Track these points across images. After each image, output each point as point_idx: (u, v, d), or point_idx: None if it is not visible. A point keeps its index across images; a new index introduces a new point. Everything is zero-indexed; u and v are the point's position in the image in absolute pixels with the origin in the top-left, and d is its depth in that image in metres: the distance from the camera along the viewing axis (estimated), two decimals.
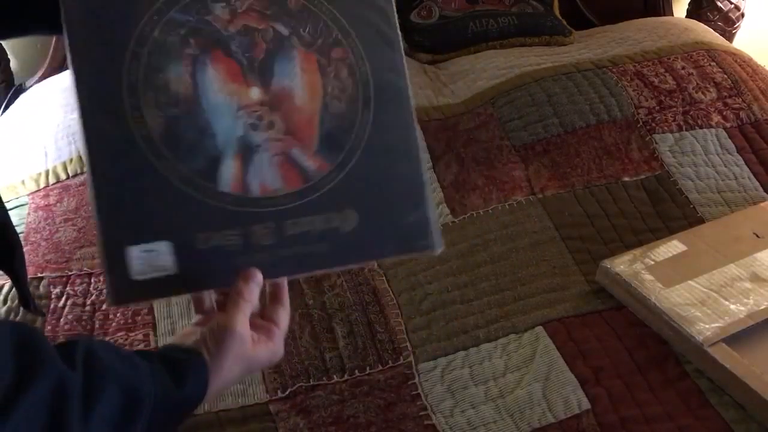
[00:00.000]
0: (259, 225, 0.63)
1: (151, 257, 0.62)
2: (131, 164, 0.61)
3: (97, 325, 1.06)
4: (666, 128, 1.44)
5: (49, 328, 1.06)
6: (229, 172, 0.63)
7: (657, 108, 1.47)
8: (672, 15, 1.98)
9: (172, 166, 0.62)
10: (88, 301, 1.10)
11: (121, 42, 0.63)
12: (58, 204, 1.28)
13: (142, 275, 0.61)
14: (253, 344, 0.62)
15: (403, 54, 0.67)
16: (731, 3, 1.91)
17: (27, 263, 1.15)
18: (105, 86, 0.62)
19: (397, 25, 0.67)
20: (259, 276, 0.63)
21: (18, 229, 1.23)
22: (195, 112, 0.63)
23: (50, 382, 0.50)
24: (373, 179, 0.65)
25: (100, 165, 0.61)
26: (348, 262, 0.69)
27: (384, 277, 1.15)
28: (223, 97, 0.63)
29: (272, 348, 0.64)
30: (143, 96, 0.62)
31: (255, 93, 0.64)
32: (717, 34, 1.81)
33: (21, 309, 1.08)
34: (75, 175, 1.33)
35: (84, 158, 0.62)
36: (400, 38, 0.66)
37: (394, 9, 0.67)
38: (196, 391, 0.59)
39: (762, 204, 1.26)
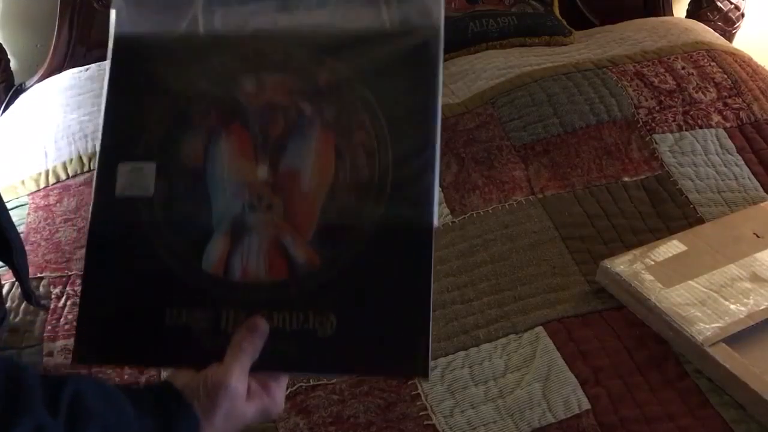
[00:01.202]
0: (230, 311, 0.59)
1: (118, 326, 0.60)
2: (124, 225, 0.61)
3: None
4: (666, 128, 1.44)
5: (49, 328, 1.05)
6: (215, 250, 0.60)
7: (657, 108, 1.47)
8: (672, 15, 1.98)
9: (161, 235, 0.60)
10: None
11: (150, 109, 0.62)
12: (58, 204, 1.28)
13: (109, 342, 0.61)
14: (249, 399, 0.58)
15: (438, 150, 0.60)
16: (731, 3, 1.91)
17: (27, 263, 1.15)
18: (126, 143, 0.62)
19: (439, 120, 0.60)
20: (263, 327, 0.59)
21: (18, 229, 1.24)
22: (199, 184, 0.61)
23: (28, 430, 0.49)
24: (366, 286, 0.59)
25: (96, 214, 0.62)
26: (318, 370, 0.63)
27: None
28: (229, 172, 0.61)
29: (267, 405, 0.60)
30: (156, 164, 0.61)
31: (262, 172, 0.61)
32: (717, 34, 1.80)
33: (21, 308, 1.08)
34: (75, 175, 1.33)
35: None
36: (439, 133, 0.60)
37: (438, 103, 0.62)
38: None
39: (762, 204, 1.26)
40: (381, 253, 0.59)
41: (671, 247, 1.14)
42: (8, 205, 1.29)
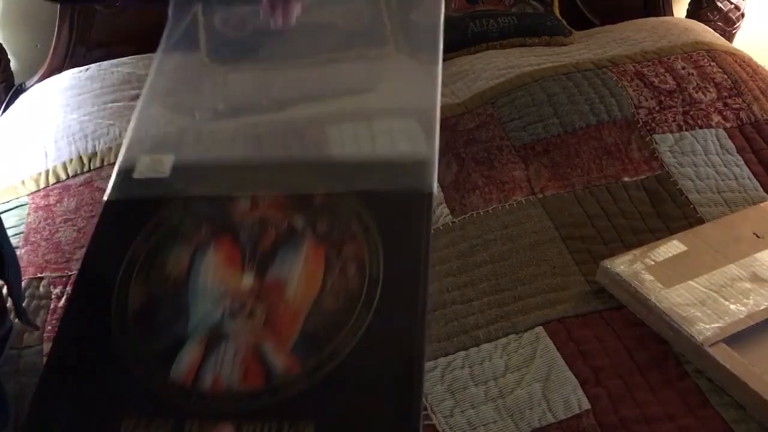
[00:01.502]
0: (194, 422, 0.56)
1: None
2: (93, 335, 0.59)
3: None
4: (666, 128, 1.44)
5: (49, 328, 1.06)
6: (187, 357, 0.57)
7: (657, 108, 1.47)
8: (672, 15, 1.98)
9: (131, 341, 0.58)
10: None
11: (138, 225, 0.63)
12: (58, 204, 1.28)
13: None
14: None
15: (430, 261, 0.59)
16: (731, 3, 1.91)
17: (27, 263, 1.15)
18: (110, 256, 0.63)
19: (430, 240, 0.60)
20: None
21: (18, 229, 1.24)
22: (179, 294, 0.60)
23: None
24: (350, 393, 0.55)
25: (65, 323, 0.60)
26: None
27: None
28: (212, 281, 0.60)
29: None
30: (137, 271, 0.61)
31: (247, 280, 0.60)
32: (717, 34, 1.81)
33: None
34: (75, 175, 1.33)
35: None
36: (430, 253, 0.59)
37: (431, 217, 0.62)
38: None
39: (762, 204, 1.26)
40: (368, 356, 0.56)
41: (671, 247, 1.14)
42: (8, 205, 1.29)
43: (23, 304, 1.08)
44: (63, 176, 1.33)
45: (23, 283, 1.12)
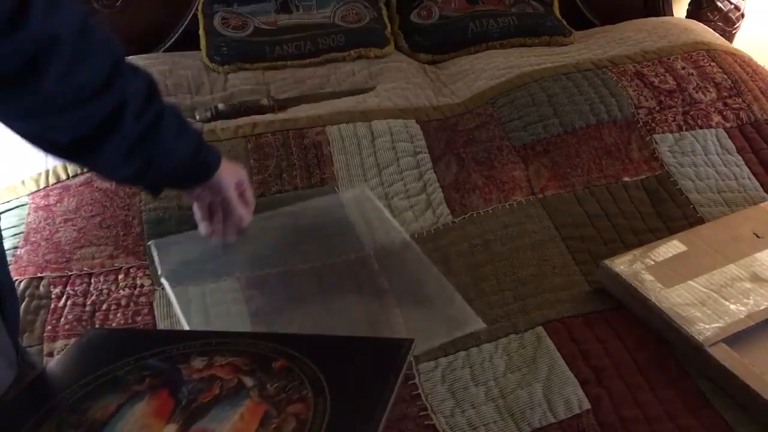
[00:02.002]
0: None
1: None
2: None
3: (97, 325, 1.06)
4: (666, 128, 1.44)
5: (49, 328, 1.05)
6: None
7: (657, 108, 1.47)
8: (672, 15, 1.98)
9: None
10: (88, 301, 1.10)
11: (87, 371, 0.64)
12: (58, 204, 1.28)
13: None
14: None
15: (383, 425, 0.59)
16: (731, 3, 1.91)
17: (27, 263, 1.15)
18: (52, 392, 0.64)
19: (386, 415, 0.60)
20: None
21: (18, 229, 1.24)
22: None
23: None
24: None
25: None
26: None
27: (384, 278, 1.15)
28: (131, 429, 0.60)
29: None
30: (58, 416, 0.61)
31: (169, 430, 0.60)
32: (717, 34, 1.81)
33: (21, 309, 1.08)
34: (75, 176, 1.33)
35: None
36: (386, 414, 0.60)
37: (389, 406, 0.62)
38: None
39: (762, 204, 1.26)
40: None
41: (671, 247, 1.14)
42: (8, 205, 1.29)
43: (23, 304, 1.08)
44: (63, 176, 1.33)
45: (23, 283, 1.12)
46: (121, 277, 1.14)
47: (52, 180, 1.33)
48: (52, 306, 1.09)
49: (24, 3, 0.68)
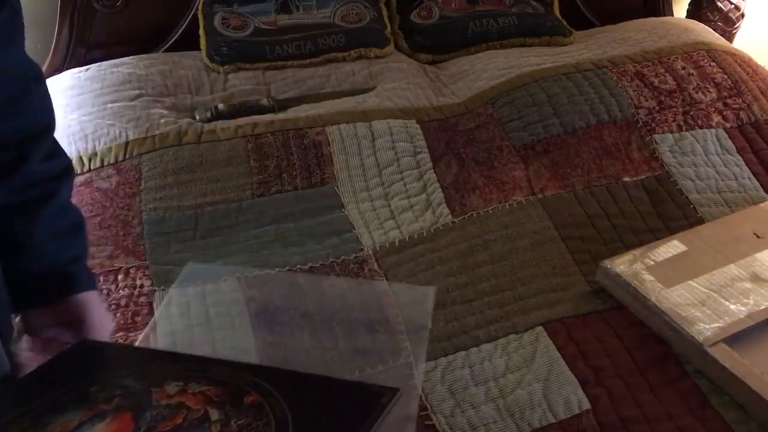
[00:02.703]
0: None
1: None
2: None
3: None
4: (666, 128, 1.44)
5: None
6: None
7: (657, 108, 1.47)
8: (672, 15, 1.98)
9: None
10: None
11: (62, 383, 0.64)
12: None
13: None
14: None
15: None
16: (731, 3, 1.91)
17: None
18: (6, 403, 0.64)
19: None
20: None
21: None
22: None
23: None
24: None
25: None
26: None
27: (384, 278, 1.15)
28: None
29: None
30: (19, 426, 0.61)
31: None
32: (717, 34, 1.81)
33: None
34: (75, 175, 1.33)
35: None
36: None
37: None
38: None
39: (762, 204, 1.26)
40: None
41: (671, 248, 1.14)
42: None
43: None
44: None
45: None
46: (120, 277, 1.14)
47: None
48: None
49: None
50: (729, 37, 1.92)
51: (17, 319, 0.84)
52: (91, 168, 1.34)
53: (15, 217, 0.75)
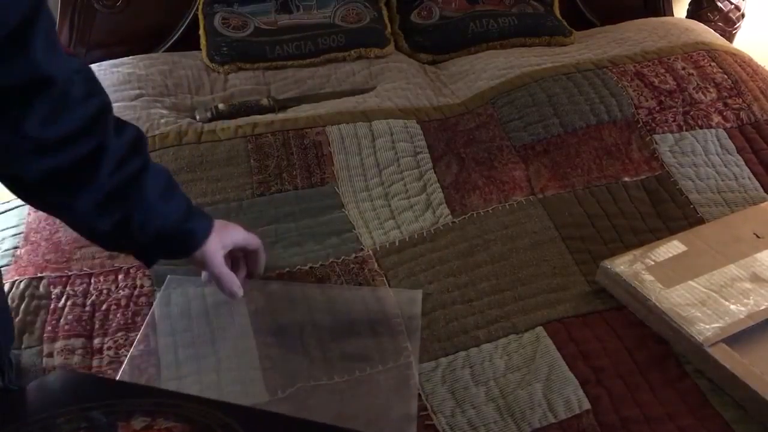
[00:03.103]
0: None
1: None
2: None
3: (97, 325, 1.06)
4: (666, 128, 1.44)
5: (49, 328, 1.05)
6: None
7: (657, 108, 1.47)
8: (672, 15, 1.98)
9: None
10: (88, 301, 1.10)
11: (29, 414, 0.64)
12: None
13: None
14: None
15: None
16: (731, 3, 1.91)
17: (27, 263, 1.15)
18: None
19: None
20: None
21: (18, 229, 1.24)
22: None
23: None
24: None
25: None
26: None
27: (384, 278, 1.15)
28: None
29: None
30: None
31: None
32: (717, 34, 1.81)
33: (21, 308, 1.08)
34: None
35: None
36: None
37: None
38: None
39: (762, 204, 1.26)
40: None
41: (671, 248, 1.14)
42: (8, 205, 1.29)
43: (23, 305, 1.08)
44: None
45: (23, 284, 1.11)
46: (120, 277, 1.14)
47: None
48: (52, 306, 1.09)
49: (29, 26, 0.68)
50: (729, 37, 1.92)
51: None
52: None
53: (122, 193, 0.84)
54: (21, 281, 1.12)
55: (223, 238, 1.00)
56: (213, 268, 0.99)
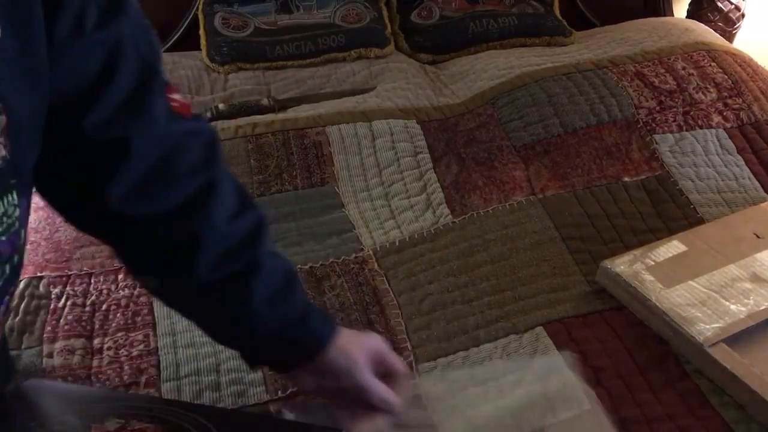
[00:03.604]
0: None
1: None
2: None
3: (97, 326, 1.06)
4: (666, 128, 1.44)
5: (49, 328, 1.05)
6: None
7: (657, 108, 1.47)
8: (672, 15, 1.98)
9: None
10: (88, 301, 1.10)
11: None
12: None
13: None
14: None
15: None
16: (731, 3, 1.91)
17: (27, 263, 1.15)
18: None
19: None
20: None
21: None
22: None
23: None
24: None
25: None
26: None
27: (384, 278, 1.15)
28: None
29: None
30: None
31: None
32: (717, 34, 1.81)
33: (21, 308, 1.08)
34: None
35: None
36: None
37: None
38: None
39: (762, 204, 1.26)
40: None
41: (671, 248, 1.14)
42: None
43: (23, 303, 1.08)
44: None
45: (23, 283, 1.11)
46: (120, 277, 1.14)
47: None
48: (52, 306, 1.09)
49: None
50: (729, 37, 1.92)
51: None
52: None
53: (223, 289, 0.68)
54: (21, 281, 1.12)
55: (363, 340, 0.77)
56: (355, 377, 0.73)
